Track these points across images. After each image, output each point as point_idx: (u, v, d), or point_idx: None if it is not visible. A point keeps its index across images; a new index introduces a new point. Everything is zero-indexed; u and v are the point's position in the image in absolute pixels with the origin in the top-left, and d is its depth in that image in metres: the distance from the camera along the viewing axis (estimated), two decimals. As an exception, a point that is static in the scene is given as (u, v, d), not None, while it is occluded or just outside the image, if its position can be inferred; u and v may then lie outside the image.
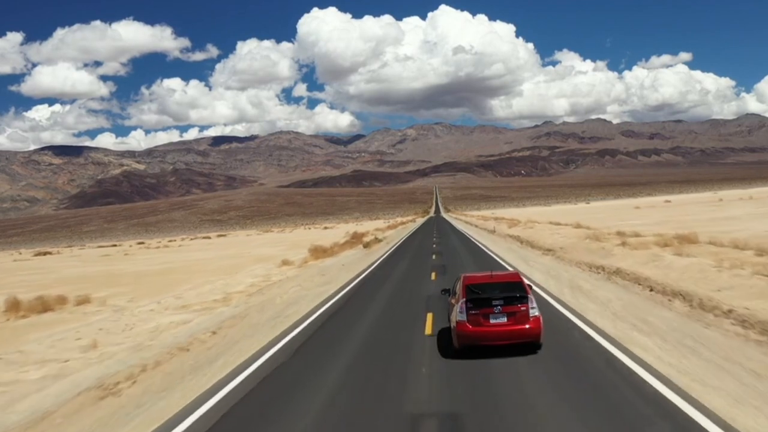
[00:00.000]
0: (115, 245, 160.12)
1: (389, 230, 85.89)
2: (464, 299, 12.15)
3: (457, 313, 12.16)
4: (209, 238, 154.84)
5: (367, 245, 49.31)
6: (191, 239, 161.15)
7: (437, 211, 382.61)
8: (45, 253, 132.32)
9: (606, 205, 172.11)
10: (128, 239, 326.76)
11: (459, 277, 13.44)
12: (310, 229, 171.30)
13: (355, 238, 64.68)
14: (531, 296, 12.30)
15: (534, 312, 12.05)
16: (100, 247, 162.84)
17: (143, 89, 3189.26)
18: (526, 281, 13.45)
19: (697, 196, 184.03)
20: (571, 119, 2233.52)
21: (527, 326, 11.87)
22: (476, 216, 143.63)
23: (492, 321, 11.87)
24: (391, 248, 47.98)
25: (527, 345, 12.02)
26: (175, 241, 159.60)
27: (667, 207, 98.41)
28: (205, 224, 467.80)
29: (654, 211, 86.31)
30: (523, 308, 11.96)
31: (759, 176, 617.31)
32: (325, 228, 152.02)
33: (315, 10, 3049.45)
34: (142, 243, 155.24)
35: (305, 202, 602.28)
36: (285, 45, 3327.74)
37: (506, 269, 24.40)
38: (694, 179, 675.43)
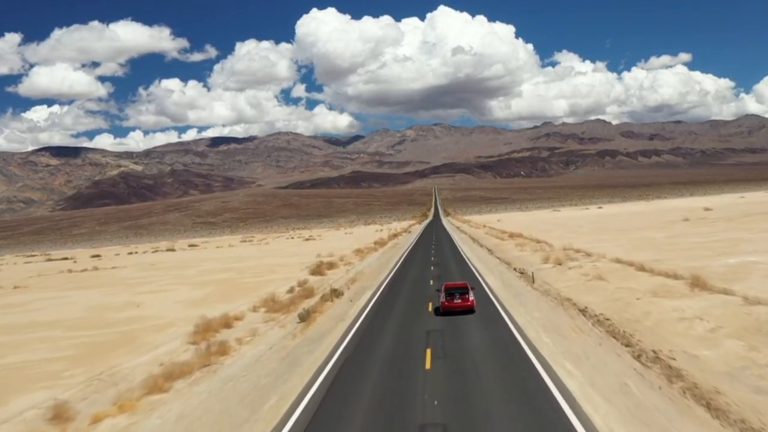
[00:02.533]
0: (66, 258, 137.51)
1: (373, 252, 63.33)
2: (444, 292, 27.58)
3: (441, 298, 27.45)
4: (173, 250, 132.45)
5: (306, 318, 25.98)
6: (153, 251, 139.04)
7: (436, 213, 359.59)
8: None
9: (627, 212, 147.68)
10: (110, 245, 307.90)
11: (443, 284, 29.48)
12: (293, 238, 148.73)
13: (316, 274, 42.20)
14: (471, 291, 27.67)
15: (471, 297, 27.27)
16: (50, 260, 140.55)
17: (141, 90, 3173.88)
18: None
19: (730, 201, 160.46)
20: (570, 120, 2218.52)
21: (468, 303, 26.88)
22: (482, 226, 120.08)
23: (455, 301, 26.76)
24: (347, 330, 25.37)
25: (468, 311, 26.91)
26: (135, 253, 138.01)
27: (727, 223, 74.07)
28: (198, 227, 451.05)
29: (725, 229, 62.95)
30: (466, 296, 27.11)
31: (764, 177, 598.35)
32: (307, 239, 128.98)
33: (314, 11, 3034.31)
34: (97, 256, 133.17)
35: (302, 203, 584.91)
36: (284, 46, 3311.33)
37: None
38: (698, 181, 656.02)
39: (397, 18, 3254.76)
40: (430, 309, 28.53)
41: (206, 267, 63.27)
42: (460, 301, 26.91)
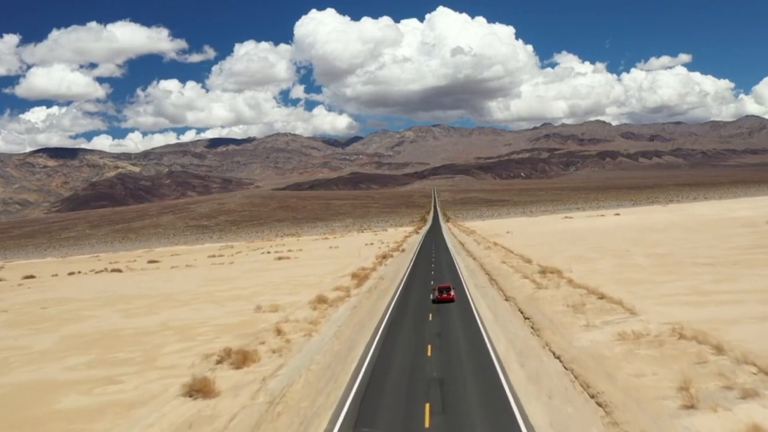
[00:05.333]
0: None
1: (339, 305, 41.09)
2: (437, 289, 43.40)
3: (435, 294, 43.12)
4: (119, 271, 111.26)
5: None
6: (100, 271, 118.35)
7: (435, 217, 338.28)
8: None
9: (661, 223, 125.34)
10: (92, 251, 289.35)
11: (437, 285, 45.55)
12: (268, 253, 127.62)
13: (198, 393, 21.44)
14: (452, 289, 43.30)
15: (452, 293, 42.52)
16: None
17: (139, 91, 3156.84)
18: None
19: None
20: (569, 121, 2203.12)
21: (451, 296, 42.14)
22: (492, 243, 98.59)
23: (443, 295, 41.96)
24: None
25: (451, 302, 41.07)
26: (78, 273, 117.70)
27: None
28: (190, 230, 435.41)
29: None
30: (450, 292, 42.55)
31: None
32: (280, 258, 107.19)
33: (313, 12, 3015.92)
34: (30, 277, 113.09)
35: (299, 205, 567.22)
36: (283, 47, 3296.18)
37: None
38: (703, 182, 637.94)
39: (397, 19, 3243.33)
40: None
41: (84, 326, 42.11)
42: (446, 295, 42.26)
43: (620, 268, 50.77)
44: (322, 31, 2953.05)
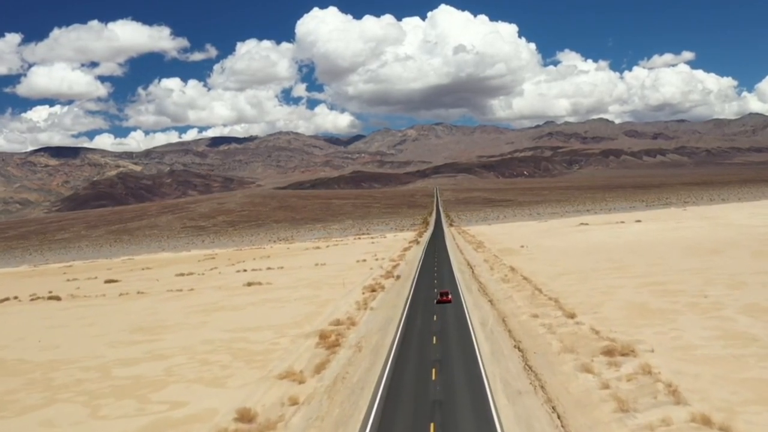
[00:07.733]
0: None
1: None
2: (440, 293, 61.27)
3: (437, 296, 61.30)
4: (56, 299, 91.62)
5: None
6: (35, 298, 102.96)
7: (438, 220, 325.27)
8: None
9: (705, 235, 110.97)
10: (78, 256, 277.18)
11: (438, 290, 64.55)
12: (245, 271, 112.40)
13: None
14: (450, 294, 60.76)
15: (450, 296, 59.88)
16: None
17: (141, 90, 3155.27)
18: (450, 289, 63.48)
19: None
20: (572, 119, 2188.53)
21: (449, 299, 59.15)
22: (509, 268, 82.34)
23: (443, 298, 59.30)
24: None
25: (449, 303, 58.10)
26: (14, 298, 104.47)
27: None
28: (186, 231, 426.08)
29: None
30: (449, 296, 59.91)
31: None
32: (250, 284, 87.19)
33: (315, 10, 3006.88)
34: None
35: (299, 205, 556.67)
36: (284, 45, 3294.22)
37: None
38: (712, 181, 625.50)
39: (399, 17, 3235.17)
40: None
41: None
42: (445, 298, 58.05)
43: (727, 344, 33.82)
44: (324, 29, 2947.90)
